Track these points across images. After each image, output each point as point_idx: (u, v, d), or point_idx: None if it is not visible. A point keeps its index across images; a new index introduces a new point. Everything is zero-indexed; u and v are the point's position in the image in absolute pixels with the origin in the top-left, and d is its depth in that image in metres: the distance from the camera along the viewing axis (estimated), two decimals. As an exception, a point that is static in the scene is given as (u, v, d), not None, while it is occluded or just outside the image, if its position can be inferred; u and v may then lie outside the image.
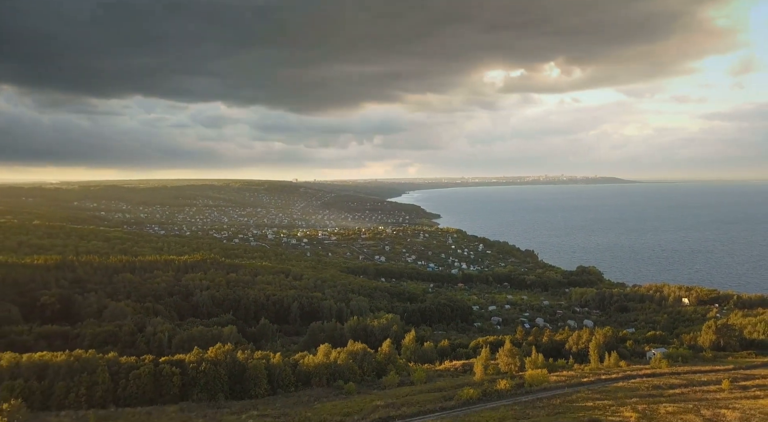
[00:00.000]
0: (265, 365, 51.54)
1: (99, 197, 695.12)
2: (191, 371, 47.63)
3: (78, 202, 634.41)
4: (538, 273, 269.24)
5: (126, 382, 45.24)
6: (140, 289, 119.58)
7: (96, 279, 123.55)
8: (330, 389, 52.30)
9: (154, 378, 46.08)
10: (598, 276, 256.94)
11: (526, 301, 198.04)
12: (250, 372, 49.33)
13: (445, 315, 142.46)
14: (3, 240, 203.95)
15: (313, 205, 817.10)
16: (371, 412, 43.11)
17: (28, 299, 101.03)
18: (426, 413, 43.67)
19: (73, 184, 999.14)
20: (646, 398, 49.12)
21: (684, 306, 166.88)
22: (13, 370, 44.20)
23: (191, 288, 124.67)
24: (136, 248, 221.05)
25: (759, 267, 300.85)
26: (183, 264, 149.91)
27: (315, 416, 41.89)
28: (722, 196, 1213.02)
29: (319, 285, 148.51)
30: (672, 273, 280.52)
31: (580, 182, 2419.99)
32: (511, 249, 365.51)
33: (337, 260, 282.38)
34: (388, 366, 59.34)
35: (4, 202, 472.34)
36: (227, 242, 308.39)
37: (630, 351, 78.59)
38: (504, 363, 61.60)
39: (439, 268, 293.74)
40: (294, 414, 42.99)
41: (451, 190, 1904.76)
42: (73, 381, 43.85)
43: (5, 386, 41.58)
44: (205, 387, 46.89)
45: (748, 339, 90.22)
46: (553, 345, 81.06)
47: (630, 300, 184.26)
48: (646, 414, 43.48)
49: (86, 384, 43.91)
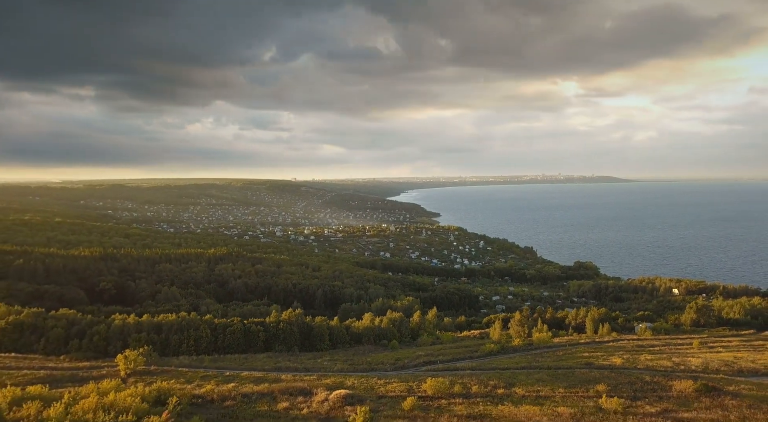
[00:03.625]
0: (327, 326, 63.95)
1: (105, 196, 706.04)
2: (272, 329, 59.82)
3: (84, 200, 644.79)
4: (538, 268, 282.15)
5: (223, 336, 57.32)
6: (181, 278, 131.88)
7: (140, 268, 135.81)
8: (378, 346, 64.55)
9: (244, 333, 58.21)
10: (594, 271, 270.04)
11: (527, 293, 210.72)
12: (316, 331, 61.55)
13: (454, 302, 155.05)
14: (32, 236, 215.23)
15: (315, 204, 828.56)
16: (415, 358, 55.46)
17: (88, 285, 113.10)
18: (458, 359, 56.02)
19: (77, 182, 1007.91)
20: (630, 351, 61.77)
21: (674, 296, 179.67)
22: (137, 326, 56.30)
23: (225, 277, 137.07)
24: (156, 244, 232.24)
25: (748, 262, 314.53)
26: (213, 256, 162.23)
27: (373, 360, 54.25)
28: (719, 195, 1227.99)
29: (337, 276, 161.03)
30: (666, 268, 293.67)
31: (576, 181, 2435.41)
32: (511, 246, 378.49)
33: (345, 256, 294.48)
34: (420, 331, 71.70)
35: (15, 200, 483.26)
36: (238, 239, 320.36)
37: (621, 326, 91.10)
38: (515, 331, 73.87)
39: (442, 264, 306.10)
40: (356, 359, 55.39)
41: (450, 189, 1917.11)
42: (182, 335, 55.90)
43: (134, 337, 53.58)
44: (284, 341, 59.00)
45: (725, 318, 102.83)
46: (555, 320, 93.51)
47: (624, 291, 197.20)
48: (629, 360, 56.04)
49: (193, 337, 55.96)
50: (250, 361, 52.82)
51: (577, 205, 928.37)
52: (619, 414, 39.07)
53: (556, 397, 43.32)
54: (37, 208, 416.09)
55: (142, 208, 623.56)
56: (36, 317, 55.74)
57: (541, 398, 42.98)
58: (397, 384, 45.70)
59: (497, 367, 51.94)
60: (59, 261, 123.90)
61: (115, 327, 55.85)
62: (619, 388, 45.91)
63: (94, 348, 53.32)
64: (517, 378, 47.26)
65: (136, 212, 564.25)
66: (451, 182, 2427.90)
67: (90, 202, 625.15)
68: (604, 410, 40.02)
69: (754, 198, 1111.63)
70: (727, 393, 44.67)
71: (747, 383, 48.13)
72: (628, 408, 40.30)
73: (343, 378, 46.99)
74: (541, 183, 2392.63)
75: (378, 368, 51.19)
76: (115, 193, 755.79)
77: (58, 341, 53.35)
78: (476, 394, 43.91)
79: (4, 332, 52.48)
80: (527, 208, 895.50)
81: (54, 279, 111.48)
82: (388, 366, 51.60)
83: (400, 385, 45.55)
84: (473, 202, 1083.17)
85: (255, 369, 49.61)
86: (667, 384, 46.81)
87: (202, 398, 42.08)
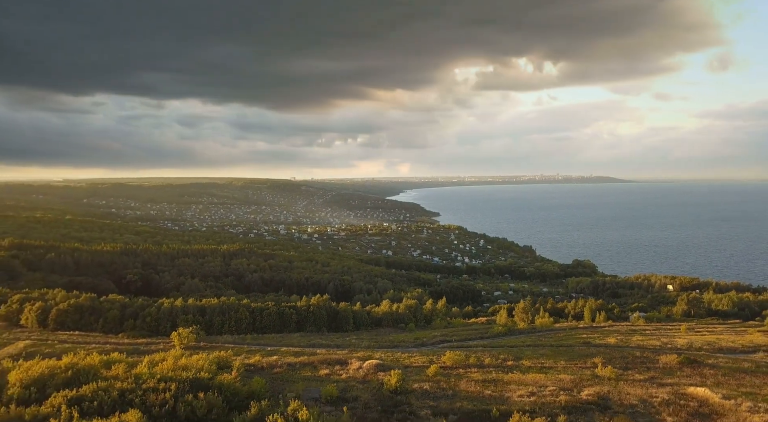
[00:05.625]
0: (350, 310, 70.90)
1: (107, 195, 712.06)
2: (303, 312, 66.64)
3: (87, 199, 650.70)
4: (537, 266, 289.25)
5: (261, 318, 64.00)
6: (200, 271, 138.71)
7: (161, 262, 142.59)
8: (396, 328, 71.30)
9: (279, 315, 64.92)
10: (592, 269, 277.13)
11: (527, 289, 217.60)
12: (341, 315, 68.41)
13: (458, 296, 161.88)
14: (48, 233, 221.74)
15: (316, 203, 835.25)
16: (432, 338, 62.14)
17: (115, 277, 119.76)
18: (470, 339, 62.72)
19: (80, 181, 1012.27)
20: (623, 333, 68.58)
21: (668, 292, 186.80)
22: (184, 309, 63.00)
23: (241, 271, 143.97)
24: (166, 241, 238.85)
25: (742, 261, 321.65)
26: (227, 252, 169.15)
27: (395, 339, 60.99)
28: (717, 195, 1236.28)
29: (346, 271, 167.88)
30: (663, 266, 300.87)
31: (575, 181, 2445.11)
32: (510, 245, 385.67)
33: (349, 253, 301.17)
34: (433, 316, 78.67)
35: (23, 199, 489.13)
36: (244, 236, 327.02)
37: (616, 316, 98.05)
38: (519, 317, 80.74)
39: (443, 262, 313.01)
40: (379, 338, 62.15)
41: (448, 188, 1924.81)
42: (224, 317, 62.65)
43: (181, 318, 60.20)
44: (314, 322, 65.78)
45: (714, 310, 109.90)
46: (555, 310, 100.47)
47: (621, 287, 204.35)
48: (622, 340, 62.80)
49: (234, 319, 62.64)
50: (287, 339, 59.48)
51: (575, 205, 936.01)
52: (613, 380, 45.63)
53: (558, 368, 49.97)
54: (43, 206, 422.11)
55: (145, 206, 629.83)
56: (92, 301, 62.41)
57: (546, 368, 49.64)
58: (419, 357, 52.30)
59: (506, 345, 58.68)
60: (87, 255, 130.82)
61: (165, 309, 62.60)
62: (613, 361, 52.57)
63: (147, 327, 59.97)
64: (524, 353, 53.96)
65: (140, 210, 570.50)
66: (449, 182, 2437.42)
67: (93, 201, 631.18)
68: (599, 377, 46.62)
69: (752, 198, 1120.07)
70: (706, 365, 51.41)
71: (725, 358, 54.97)
72: (620, 376, 46.82)
73: (371, 353, 53.61)
74: (539, 183, 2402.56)
75: (400, 345, 57.89)
76: (117, 191, 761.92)
77: (115, 321, 59.97)
78: (489, 365, 50.48)
79: (67, 313, 59.07)
80: (526, 207, 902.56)
81: (83, 272, 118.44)
82: (409, 344, 58.31)
83: (422, 358, 52.15)
84: (472, 202, 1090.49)
85: (292, 345, 56.31)
86: (655, 358, 53.59)
87: (253, 366, 48.66)
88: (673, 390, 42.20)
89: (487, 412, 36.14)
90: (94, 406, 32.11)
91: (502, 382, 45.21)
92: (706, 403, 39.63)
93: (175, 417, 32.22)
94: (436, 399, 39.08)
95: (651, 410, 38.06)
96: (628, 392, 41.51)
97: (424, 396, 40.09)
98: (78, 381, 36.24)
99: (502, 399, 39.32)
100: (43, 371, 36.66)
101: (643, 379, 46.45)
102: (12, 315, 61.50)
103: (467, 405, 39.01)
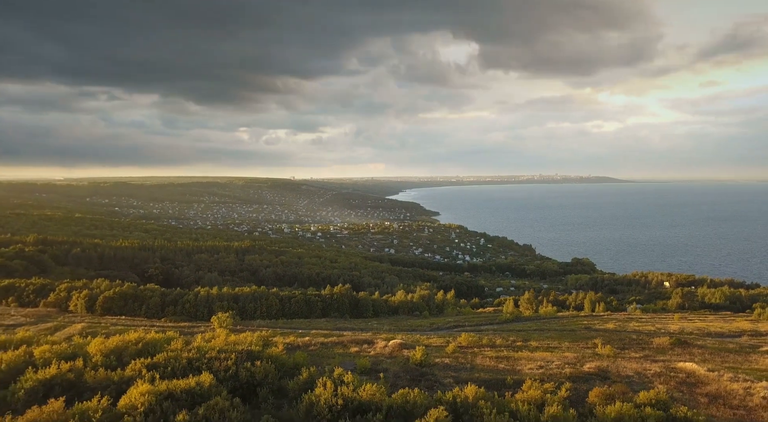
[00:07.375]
0: (370, 298, 76.77)
1: (110, 193, 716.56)
2: (327, 299, 72.43)
3: (90, 197, 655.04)
4: (537, 263, 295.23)
5: (289, 305, 69.66)
6: (216, 266, 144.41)
7: (179, 258, 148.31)
8: (411, 315, 77.01)
9: (306, 302, 70.65)
10: (591, 267, 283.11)
11: (528, 285, 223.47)
12: (362, 302, 74.15)
13: (462, 291, 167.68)
14: (59, 230, 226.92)
15: (316, 202, 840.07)
16: (446, 324, 67.94)
17: (138, 271, 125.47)
18: (481, 325, 68.53)
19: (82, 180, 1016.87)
20: (621, 321, 74.45)
21: (664, 288, 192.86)
22: (219, 297, 68.71)
23: (255, 266, 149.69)
24: (176, 238, 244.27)
25: (738, 260, 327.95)
26: (240, 248, 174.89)
27: (413, 324, 66.78)
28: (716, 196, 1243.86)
29: (354, 267, 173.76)
30: (660, 265, 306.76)
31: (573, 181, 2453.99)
32: (511, 244, 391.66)
33: (352, 251, 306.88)
34: (444, 305, 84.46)
35: (29, 197, 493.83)
36: (249, 234, 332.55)
37: (614, 307, 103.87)
38: (524, 307, 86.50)
39: (445, 260, 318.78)
40: (398, 323, 67.97)
41: (447, 188, 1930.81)
42: (256, 303, 68.30)
43: (217, 305, 65.88)
44: (337, 309, 71.50)
45: (707, 303, 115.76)
46: (557, 302, 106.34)
47: (619, 284, 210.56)
48: (620, 326, 68.62)
49: (265, 305, 68.26)
50: (314, 324, 65.24)
51: (574, 205, 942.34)
52: (611, 357, 51.38)
53: (562, 347, 55.79)
54: (48, 204, 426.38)
55: (148, 205, 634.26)
56: (134, 289, 68.14)
57: (551, 348, 55.47)
58: (436, 339, 58.12)
59: (514, 329, 64.49)
60: (109, 250, 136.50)
61: (201, 297, 68.29)
62: (612, 342, 58.37)
63: (186, 313, 65.59)
64: (531, 336, 59.80)
65: (143, 209, 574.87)
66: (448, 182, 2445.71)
67: (96, 199, 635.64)
68: (599, 354, 52.45)
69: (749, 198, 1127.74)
70: (695, 345, 57.31)
71: (713, 340, 60.91)
72: (618, 354, 52.59)
73: (393, 335, 59.33)
74: (538, 183, 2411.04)
75: (418, 329, 63.66)
76: (119, 190, 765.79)
77: (156, 307, 65.65)
78: (500, 345, 56.29)
79: (113, 300, 64.73)
80: (525, 207, 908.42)
81: (107, 266, 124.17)
82: (426, 328, 64.08)
83: (439, 339, 57.95)
84: (472, 202, 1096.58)
85: (320, 328, 62.08)
86: (649, 340, 59.51)
87: (290, 344, 54.45)
88: (665, 365, 48.05)
89: (502, 381, 42.17)
90: (168, 371, 38.09)
91: (513, 358, 51.06)
92: (693, 375, 45.68)
93: (237, 380, 38.16)
94: (456, 371, 44.99)
95: (645, 380, 44.02)
96: (625, 366, 47.49)
97: (445, 369, 46.01)
98: (147, 352, 42.03)
99: (514, 371, 45.21)
100: (118, 343, 42.46)
101: (639, 357, 52.30)
102: (61, 301, 67.14)
103: (484, 375, 45.08)
